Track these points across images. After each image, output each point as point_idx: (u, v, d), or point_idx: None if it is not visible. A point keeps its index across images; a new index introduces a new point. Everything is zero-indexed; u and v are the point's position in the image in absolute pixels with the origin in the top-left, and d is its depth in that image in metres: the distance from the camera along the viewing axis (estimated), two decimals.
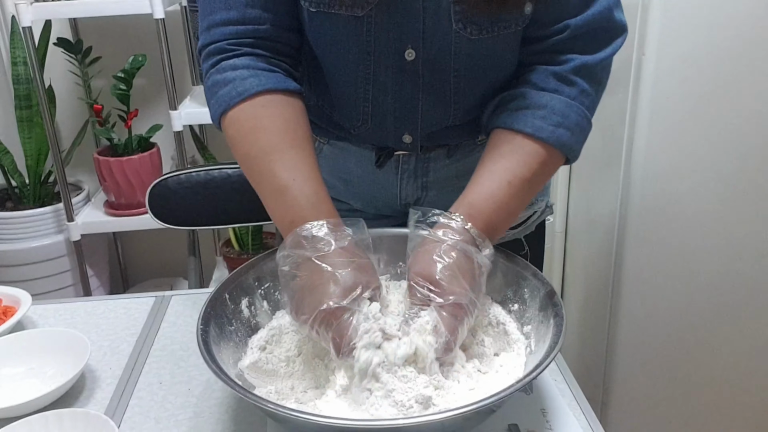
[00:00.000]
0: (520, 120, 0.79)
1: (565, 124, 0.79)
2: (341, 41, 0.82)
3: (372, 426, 0.62)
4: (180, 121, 1.80)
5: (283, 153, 0.75)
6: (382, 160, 0.93)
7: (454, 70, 0.83)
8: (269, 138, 0.76)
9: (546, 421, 0.76)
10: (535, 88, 0.81)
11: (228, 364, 0.72)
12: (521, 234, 1.00)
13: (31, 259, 1.94)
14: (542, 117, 0.78)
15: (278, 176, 0.75)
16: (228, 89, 0.78)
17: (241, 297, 0.81)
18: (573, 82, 0.80)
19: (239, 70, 0.78)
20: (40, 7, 1.71)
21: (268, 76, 0.78)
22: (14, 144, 1.96)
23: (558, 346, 0.68)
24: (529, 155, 0.78)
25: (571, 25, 0.79)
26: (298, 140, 0.77)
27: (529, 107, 0.79)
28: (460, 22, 0.79)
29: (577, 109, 0.80)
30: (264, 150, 0.76)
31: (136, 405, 0.81)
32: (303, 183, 0.74)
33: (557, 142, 0.78)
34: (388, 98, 0.86)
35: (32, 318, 1.00)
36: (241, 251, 2.07)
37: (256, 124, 0.77)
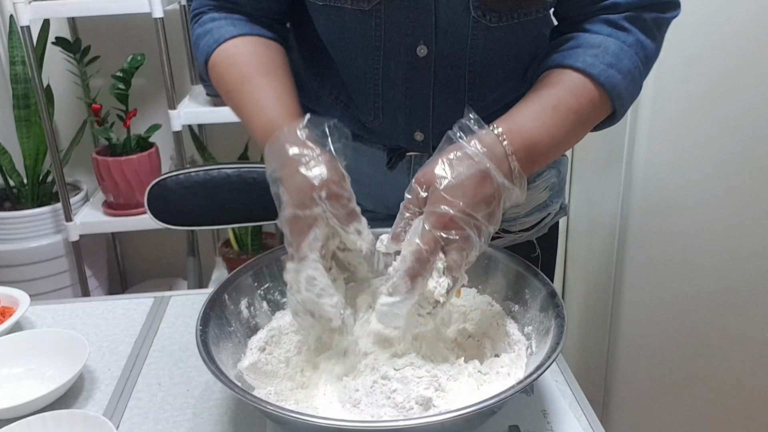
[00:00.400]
0: (571, 56, 0.76)
1: (618, 66, 0.75)
2: (349, 36, 0.82)
3: (372, 427, 0.62)
4: (179, 121, 1.79)
5: (251, 81, 0.79)
6: (393, 161, 0.92)
7: (469, 65, 0.81)
8: (239, 71, 0.81)
9: (547, 422, 0.76)
10: (588, 32, 0.78)
11: (227, 365, 0.72)
12: (534, 236, 0.99)
13: (29, 260, 1.94)
14: (594, 55, 0.75)
15: (247, 102, 0.79)
16: (207, 38, 0.83)
17: (241, 297, 0.81)
18: (628, 30, 0.76)
19: (217, 21, 0.84)
20: (39, 6, 1.71)
21: (243, 24, 0.84)
22: (12, 144, 1.96)
23: (559, 347, 0.68)
24: (578, 88, 0.74)
25: (621, 2, 0.76)
26: (266, 69, 0.80)
27: (581, 45, 0.76)
28: (479, 9, 0.77)
29: (632, 57, 0.76)
30: (235, 83, 0.81)
31: (134, 406, 0.81)
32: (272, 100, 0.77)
33: (608, 82, 0.74)
34: (398, 95, 0.85)
35: (30, 319, 1.00)
36: (241, 251, 2.07)
37: (229, 62, 0.82)
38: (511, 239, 0.98)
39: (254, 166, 1.42)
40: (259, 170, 1.41)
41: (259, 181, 1.40)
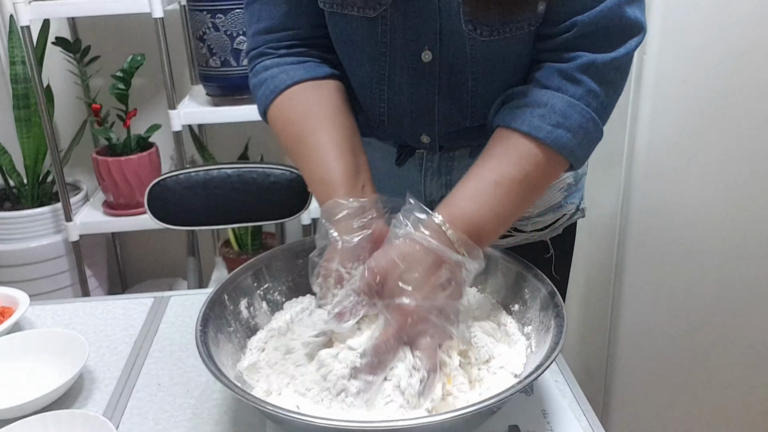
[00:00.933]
0: (518, 118, 0.75)
1: (566, 125, 0.74)
2: (356, 41, 0.82)
3: (372, 427, 0.62)
4: (179, 121, 1.79)
5: (305, 144, 0.81)
6: (402, 158, 0.92)
7: (472, 72, 0.81)
8: (294, 131, 0.82)
9: (547, 422, 0.76)
10: (539, 85, 0.77)
11: (227, 365, 0.72)
12: (547, 236, 0.98)
13: (29, 260, 1.94)
14: (541, 116, 0.74)
15: (306, 170, 0.81)
16: (263, 89, 0.84)
17: (240, 298, 0.81)
18: (579, 80, 0.75)
19: (270, 70, 0.84)
20: (39, 6, 1.71)
21: (295, 69, 0.84)
22: (12, 144, 1.96)
23: (559, 347, 0.68)
24: (522, 156, 0.74)
25: (579, 22, 0.74)
26: (318, 120, 0.81)
27: (528, 105, 0.75)
28: (470, 23, 0.76)
29: (582, 110, 0.75)
30: (293, 145, 0.82)
31: (134, 406, 0.81)
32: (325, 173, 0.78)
33: (555, 143, 0.74)
34: (404, 99, 0.85)
35: (30, 319, 1.00)
36: (241, 251, 2.07)
37: (285, 119, 0.83)
38: (523, 238, 0.97)
39: (254, 166, 1.42)
40: (259, 170, 1.41)
41: (259, 181, 1.41)
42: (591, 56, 0.75)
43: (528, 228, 0.97)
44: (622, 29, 0.76)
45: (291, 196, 1.40)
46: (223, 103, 1.83)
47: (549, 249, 0.98)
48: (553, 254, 0.98)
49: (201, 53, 1.80)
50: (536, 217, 0.96)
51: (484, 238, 0.73)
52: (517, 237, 0.97)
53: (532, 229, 0.97)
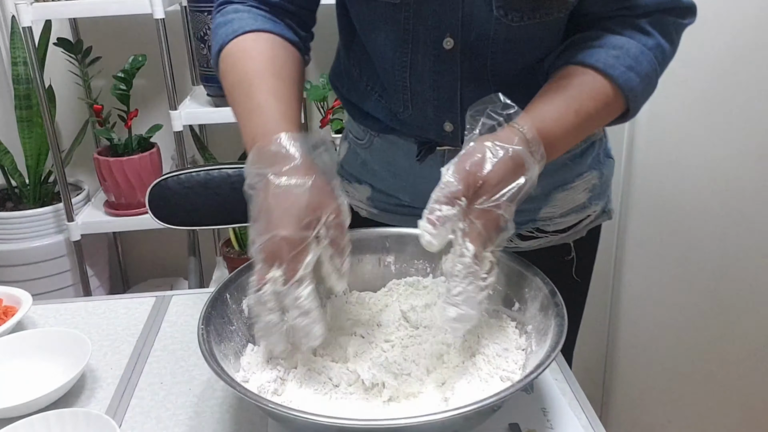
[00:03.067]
0: (593, 55, 0.76)
1: (636, 69, 0.76)
2: (380, 27, 0.82)
3: (372, 426, 0.62)
4: (180, 121, 1.80)
5: (263, 79, 0.77)
6: (423, 154, 0.91)
7: (491, 54, 0.81)
8: (253, 65, 0.78)
9: (547, 420, 0.76)
10: (611, 31, 0.78)
11: (229, 363, 0.72)
12: (570, 238, 0.97)
13: (31, 259, 1.94)
14: (616, 56, 0.76)
15: (252, 98, 0.76)
16: (226, 28, 0.82)
17: (242, 296, 0.81)
18: (649, 33, 0.78)
19: (240, 12, 0.83)
20: (40, 7, 1.71)
21: (266, 20, 0.82)
22: (14, 144, 1.96)
23: (559, 346, 0.68)
24: (598, 91, 0.76)
25: (640, 4, 0.77)
26: (281, 71, 0.78)
27: (603, 45, 0.77)
28: (501, 9, 0.77)
29: (650, 60, 0.77)
30: (246, 76, 0.78)
31: (137, 405, 0.81)
32: (274, 103, 0.75)
33: (626, 84, 0.76)
34: (426, 87, 0.85)
35: (33, 318, 1.00)
36: (242, 251, 2.07)
37: (243, 55, 0.80)
38: (545, 241, 0.96)
39: None
40: None
41: None
42: (658, 15, 0.78)
43: (550, 228, 0.95)
44: (680, 8, 0.79)
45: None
46: (224, 103, 1.83)
47: (571, 251, 0.97)
48: (574, 257, 0.97)
49: (202, 54, 1.81)
50: (559, 218, 0.95)
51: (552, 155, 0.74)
52: (540, 239, 0.96)
53: (554, 229, 0.95)
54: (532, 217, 0.95)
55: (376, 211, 1.01)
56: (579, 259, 0.98)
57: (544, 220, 0.95)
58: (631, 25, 0.78)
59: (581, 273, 1.00)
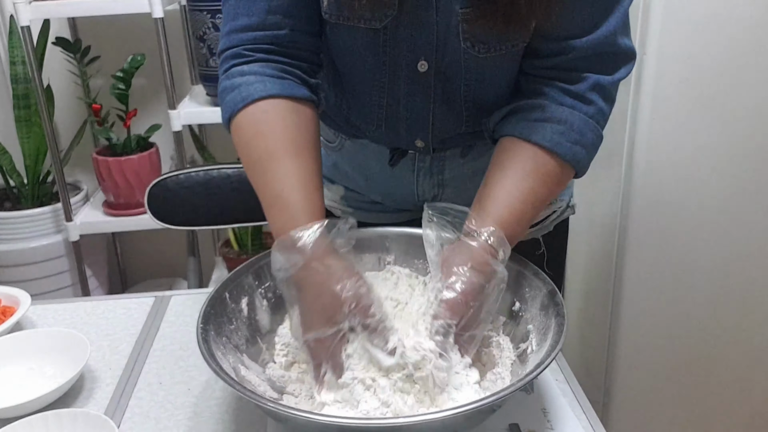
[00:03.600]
0: (539, 132, 0.77)
1: (582, 142, 0.78)
2: (359, 51, 0.82)
3: (372, 425, 0.62)
4: (179, 121, 1.79)
5: (277, 161, 0.75)
6: (395, 159, 0.93)
7: (465, 81, 0.83)
8: (266, 144, 0.76)
9: (547, 420, 0.76)
10: (554, 102, 0.79)
11: (228, 363, 0.72)
12: (538, 233, 0.99)
13: (29, 260, 1.94)
14: (561, 132, 0.77)
15: (269, 186, 0.75)
16: (233, 95, 0.78)
17: (241, 296, 0.81)
18: (590, 100, 0.79)
19: (246, 76, 0.78)
20: (39, 6, 1.71)
21: (274, 82, 0.78)
22: (13, 144, 1.96)
23: (559, 346, 0.68)
24: (548, 174, 0.78)
25: (576, 46, 0.77)
26: (295, 147, 0.76)
27: (548, 120, 0.78)
28: (468, 41, 0.78)
29: (594, 128, 0.79)
30: (260, 158, 0.76)
31: (135, 405, 0.81)
32: (291, 193, 0.74)
33: (573, 159, 0.78)
34: (400, 107, 0.86)
35: (31, 318, 1.00)
36: (241, 251, 2.07)
37: (256, 130, 0.77)
38: None
39: None
40: None
41: None
42: (596, 77, 0.78)
43: None
44: (616, 56, 0.79)
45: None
46: None
47: (540, 246, 0.99)
48: (544, 251, 1.00)
49: (201, 53, 1.80)
50: None
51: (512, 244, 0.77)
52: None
53: None
54: None
55: (351, 210, 1.03)
56: (550, 253, 1.00)
57: None
58: (573, 94, 0.78)
59: (553, 266, 1.01)
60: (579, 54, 0.77)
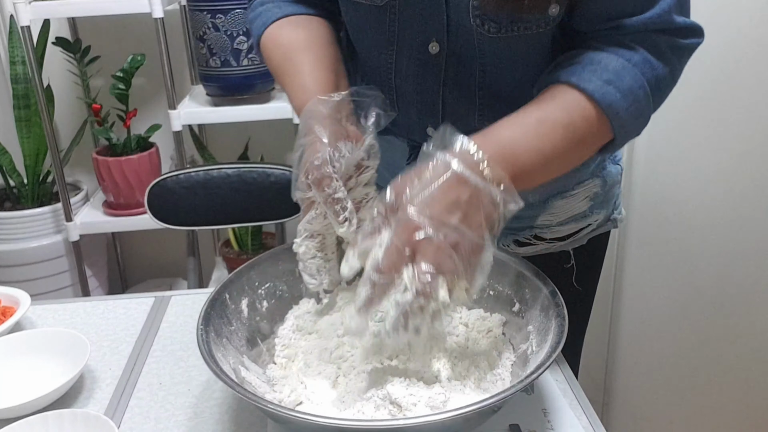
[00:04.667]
0: (568, 72, 0.71)
1: (616, 84, 0.70)
2: (365, 29, 0.84)
3: (372, 426, 0.62)
4: (179, 121, 1.79)
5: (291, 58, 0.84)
6: (413, 157, 0.91)
7: (480, 66, 0.80)
8: (281, 51, 0.86)
9: (547, 420, 0.76)
10: (592, 48, 0.73)
11: (228, 364, 0.72)
12: (569, 246, 0.94)
13: (29, 260, 1.94)
14: (592, 71, 0.70)
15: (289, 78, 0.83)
16: (256, 23, 0.90)
17: (242, 297, 0.81)
18: (634, 48, 0.72)
19: (265, 5, 0.90)
20: (39, 6, 1.71)
21: (288, 5, 0.89)
22: (13, 144, 1.96)
23: (559, 347, 0.68)
24: (570, 104, 0.69)
25: (627, 24, 0.72)
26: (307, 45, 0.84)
27: (580, 62, 0.72)
28: (478, 18, 0.75)
29: (635, 75, 0.71)
30: (279, 63, 0.86)
31: (135, 405, 0.81)
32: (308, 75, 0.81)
33: (603, 99, 0.69)
34: (410, 89, 0.85)
35: (31, 318, 1.00)
36: (241, 251, 2.07)
37: (273, 44, 0.87)
38: (543, 248, 0.94)
39: (254, 166, 1.42)
40: (259, 170, 1.41)
41: (259, 181, 1.41)
42: (649, 35, 0.72)
43: (548, 236, 0.93)
44: (677, 32, 0.73)
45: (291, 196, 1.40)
46: (223, 103, 1.83)
47: (570, 259, 0.95)
48: (574, 265, 0.95)
49: (201, 53, 1.80)
50: (557, 226, 0.93)
51: (521, 172, 0.66)
52: (538, 246, 0.94)
53: (553, 237, 0.93)
54: (530, 224, 0.93)
55: None
56: (579, 268, 0.96)
57: (541, 228, 0.93)
58: (615, 41, 0.73)
59: (583, 282, 0.97)
60: (632, 31, 0.72)
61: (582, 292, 0.99)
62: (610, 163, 0.94)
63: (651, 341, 1.60)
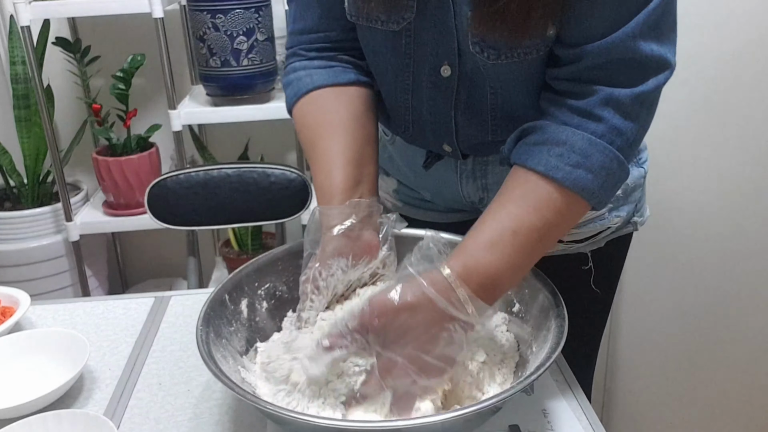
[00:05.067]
0: (534, 156, 0.71)
1: (586, 165, 0.70)
2: (382, 52, 0.84)
3: (372, 427, 0.62)
4: (179, 121, 1.79)
5: (316, 147, 0.84)
6: (429, 161, 0.93)
7: (491, 89, 0.80)
8: (308, 134, 0.86)
9: (547, 421, 0.76)
10: (557, 121, 0.72)
11: (227, 365, 0.72)
12: (586, 248, 0.93)
13: (29, 260, 1.94)
14: (559, 155, 0.70)
15: (313, 173, 0.84)
16: (290, 90, 0.88)
17: (241, 298, 0.81)
18: (600, 117, 0.70)
19: (298, 72, 0.88)
20: (39, 6, 1.71)
21: (320, 73, 0.87)
22: (13, 144, 1.95)
23: (559, 347, 0.68)
24: (542, 200, 0.70)
25: (588, 51, 0.70)
26: (333, 130, 0.84)
27: (546, 143, 0.71)
28: (477, 45, 0.75)
29: (603, 149, 0.70)
30: (306, 146, 0.86)
31: (135, 406, 0.81)
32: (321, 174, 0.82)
33: (574, 185, 0.70)
34: (424, 111, 0.86)
35: (31, 318, 1.00)
36: (241, 251, 2.07)
37: (303, 122, 0.87)
38: (560, 249, 0.93)
39: (254, 166, 1.42)
40: (259, 170, 1.41)
41: (259, 181, 1.41)
42: (609, 90, 0.70)
43: (565, 238, 0.92)
44: (639, 63, 0.70)
45: (291, 196, 1.40)
46: (223, 103, 1.83)
47: (588, 261, 0.93)
48: (592, 267, 0.94)
49: (201, 53, 1.80)
50: (574, 228, 0.91)
51: (498, 290, 0.70)
52: (555, 247, 0.92)
53: (570, 239, 0.92)
54: None
55: (401, 204, 1.05)
56: (598, 270, 0.94)
57: None
58: (579, 112, 0.71)
59: (601, 284, 0.96)
60: (592, 62, 0.70)
61: (601, 295, 0.98)
62: (634, 165, 0.92)
63: (651, 342, 1.60)
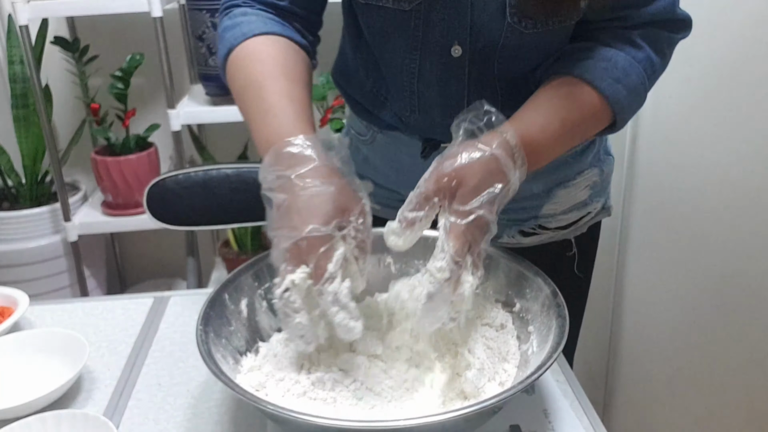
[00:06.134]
0: (581, 67, 0.77)
1: (624, 82, 0.77)
2: (389, 33, 0.83)
3: (372, 426, 0.62)
4: (178, 121, 1.79)
5: (274, 80, 0.77)
6: (428, 150, 0.92)
7: (499, 61, 0.82)
8: (262, 68, 0.78)
9: (548, 422, 0.76)
10: (602, 43, 0.79)
11: (227, 365, 0.71)
12: (571, 234, 0.98)
13: (27, 260, 1.93)
14: (604, 68, 0.77)
15: (264, 100, 0.75)
16: (234, 31, 0.81)
17: (241, 297, 0.80)
18: (640, 45, 0.79)
19: (248, 16, 0.82)
20: (37, 5, 1.71)
21: (275, 22, 0.82)
22: (11, 143, 1.95)
23: (560, 347, 0.68)
24: (584, 101, 0.77)
25: (633, 16, 0.78)
26: (292, 73, 0.78)
27: (592, 57, 0.78)
28: (516, 16, 0.77)
29: (639, 73, 0.79)
30: (256, 78, 0.77)
31: (134, 406, 0.81)
32: (287, 105, 0.74)
33: (613, 96, 0.77)
34: (433, 93, 0.86)
35: (29, 319, 0.99)
36: (240, 252, 2.07)
37: (253, 58, 0.79)
38: (548, 236, 0.97)
39: (253, 166, 1.42)
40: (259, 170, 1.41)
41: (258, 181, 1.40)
42: (652, 29, 0.79)
43: (552, 225, 0.97)
44: (675, 23, 0.81)
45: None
46: (223, 102, 1.82)
47: (572, 247, 0.98)
48: (576, 252, 0.99)
49: (200, 53, 1.80)
50: (561, 215, 0.96)
51: (537, 164, 0.75)
52: (542, 235, 0.97)
53: (556, 226, 0.97)
54: (534, 213, 0.96)
55: (379, 207, 1.02)
56: (580, 255, 1.00)
57: (545, 217, 0.96)
58: (623, 37, 0.79)
59: (583, 268, 1.01)
60: (637, 23, 0.79)
61: (582, 279, 1.04)
62: (605, 154, 0.99)
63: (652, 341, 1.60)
